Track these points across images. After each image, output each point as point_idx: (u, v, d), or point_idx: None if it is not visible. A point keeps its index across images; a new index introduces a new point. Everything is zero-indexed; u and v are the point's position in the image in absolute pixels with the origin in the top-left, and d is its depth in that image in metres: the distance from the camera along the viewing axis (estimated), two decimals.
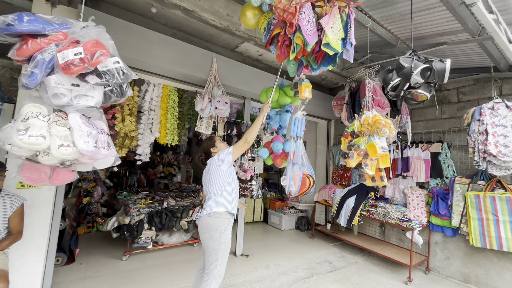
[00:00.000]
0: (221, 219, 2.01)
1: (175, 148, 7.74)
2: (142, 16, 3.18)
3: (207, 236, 2.01)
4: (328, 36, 1.68)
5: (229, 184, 2.08)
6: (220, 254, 1.99)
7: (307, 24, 1.66)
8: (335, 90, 5.42)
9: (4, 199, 2.00)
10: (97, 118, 1.56)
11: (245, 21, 2.13)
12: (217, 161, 2.08)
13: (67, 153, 1.36)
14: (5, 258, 2.02)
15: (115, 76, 1.47)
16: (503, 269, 3.10)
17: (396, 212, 3.70)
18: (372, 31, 2.82)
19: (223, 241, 2.00)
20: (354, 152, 2.58)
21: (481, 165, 2.98)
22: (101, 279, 2.93)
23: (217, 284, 1.99)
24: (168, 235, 3.89)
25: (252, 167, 3.85)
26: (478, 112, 3.00)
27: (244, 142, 2.06)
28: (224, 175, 2.07)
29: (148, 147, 3.47)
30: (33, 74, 1.34)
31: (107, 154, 1.46)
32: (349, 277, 3.38)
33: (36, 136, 1.31)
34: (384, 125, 2.51)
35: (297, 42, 1.74)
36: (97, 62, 1.38)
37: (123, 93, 1.60)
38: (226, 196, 2.05)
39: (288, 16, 1.67)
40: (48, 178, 1.63)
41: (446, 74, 2.06)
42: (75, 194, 4.18)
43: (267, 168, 7.31)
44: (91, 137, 1.38)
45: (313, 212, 5.39)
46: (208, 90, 3.44)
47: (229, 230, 2.07)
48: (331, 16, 1.72)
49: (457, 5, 2.12)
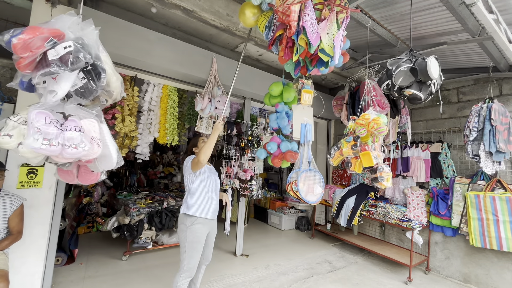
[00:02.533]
0: (187, 216, 2.16)
1: (175, 148, 7.74)
2: (142, 16, 3.18)
3: (178, 229, 2.23)
4: (323, 41, 1.73)
5: (193, 188, 2.20)
6: (187, 247, 2.11)
7: (311, 27, 1.68)
8: (335, 90, 5.42)
9: (3, 199, 2.00)
10: (84, 116, 1.46)
11: (244, 19, 2.12)
12: (185, 165, 2.28)
13: (23, 152, 1.34)
14: (5, 258, 2.02)
15: (67, 63, 1.32)
16: (503, 269, 3.10)
17: (396, 212, 3.70)
18: (372, 31, 2.82)
19: (189, 234, 2.12)
20: (334, 151, 2.61)
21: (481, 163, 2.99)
22: (101, 279, 2.93)
23: (186, 276, 2.11)
24: (168, 235, 3.89)
25: (252, 167, 3.86)
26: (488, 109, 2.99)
27: (198, 162, 2.09)
28: (188, 179, 2.25)
29: (148, 147, 3.47)
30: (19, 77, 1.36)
31: (74, 153, 1.36)
32: (349, 277, 3.38)
33: (3, 135, 1.32)
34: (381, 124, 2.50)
35: (301, 44, 1.75)
36: (37, 48, 1.26)
37: (96, 84, 1.45)
38: (194, 200, 2.18)
39: (286, 18, 1.70)
40: (75, 177, 1.65)
41: (429, 71, 2.06)
42: (75, 194, 4.18)
43: (267, 168, 7.32)
44: (40, 134, 1.30)
45: (313, 212, 5.39)
46: (208, 90, 3.44)
47: (198, 225, 2.15)
48: (328, 22, 1.77)
49: (457, 5, 2.12)
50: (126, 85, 3.21)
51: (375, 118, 2.47)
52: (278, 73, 4.38)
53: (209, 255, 2.40)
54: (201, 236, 2.17)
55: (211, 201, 2.27)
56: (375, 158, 2.45)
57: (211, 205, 2.26)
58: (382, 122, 2.45)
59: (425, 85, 2.20)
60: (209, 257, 2.40)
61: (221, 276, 3.17)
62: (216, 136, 2.13)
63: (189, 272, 2.12)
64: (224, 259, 3.70)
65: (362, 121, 2.53)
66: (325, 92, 5.45)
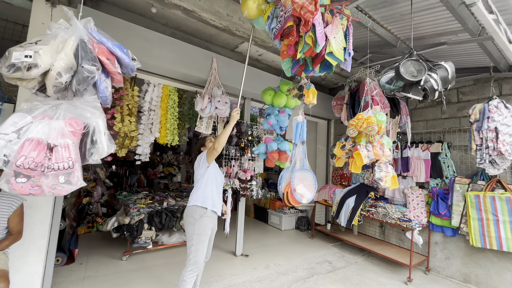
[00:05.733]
0: (198, 207, 2.20)
1: (175, 148, 7.74)
2: (142, 16, 3.18)
3: (185, 222, 2.24)
4: (332, 45, 1.71)
5: (205, 180, 2.27)
6: (195, 240, 2.14)
7: (318, 26, 1.66)
8: (335, 90, 5.42)
9: (3, 199, 2.00)
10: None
11: (247, 8, 1.99)
12: (198, 161, 2.36)
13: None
14: (5, 258, 2.02)
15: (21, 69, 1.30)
16: (503, 269, 3.10)
17: (396, 212, 3.70)
18: (372, 31, 2.82)
19: (197, 226, 2.16)
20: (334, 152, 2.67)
21: (483, 163, 2.94)
22: (101, 279, 2.93)
23: (193, 270, 2.14)
24: (168, 235, 3.89)
25: (252, 167, 3.86)
26: (487, 108, 2.93)
27: (213, 150, 2.20)
28: (199, 172, 2.32)
29: (148, 147, 3.47)
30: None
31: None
32: (349, 277, 3.38)
33: None
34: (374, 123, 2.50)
35: (308, 42, 1.71)
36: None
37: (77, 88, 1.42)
38: (208, 192, 2.25)
39: (306, 14, 1.61)
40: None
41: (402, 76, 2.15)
42: (75, 194, 4.18)
43: (267, 168, 7.32)
44: None
45: (313, 212, 5.39)
46: (208, 90, 3.44)
47: (206, 218, 2.20)
48: (334, 26, 1.75)
49: (457, 5, 2.12)
50: (126, 85, 3.21)
51: (367, 117, 2.47)
52: (278, 73, 4.37)
53: (209, 252, 2.43)
54: (208, 229, 2.22)
55: (219, 195, 2.36)
56: (367, 158, 2.46)
57: (219, 199, 2.34)
58: (373, 122, 2.45)
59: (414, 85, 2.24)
60: (208, 254, 2.43)
61: (221, 276, 3.17)
62: (232, 125, 2.25)
63: (196, 265, 2.14)
64: (224, 259, 3.70)
65: (354, 121, 2.54)
66: (325, 92, 5.45)
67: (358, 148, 2.50)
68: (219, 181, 2.39)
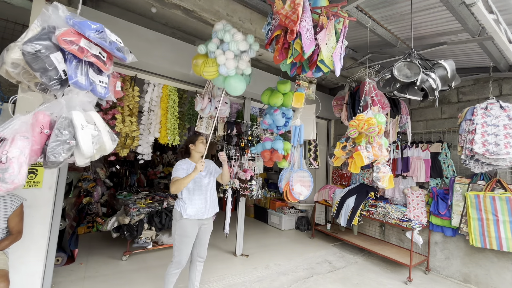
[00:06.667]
0: (176, 211, 2.32)
1: (175, 148, 7.74)
2: (142, 16, 3.18)
3: (172, 222, 2.38)
4: (322, 53, 1.74)
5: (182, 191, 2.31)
6: (177, 240, 2.27)
7: (306, 32, 1.69)
8: (335, 90, 5.42)
9: (3, 199, 2.00)
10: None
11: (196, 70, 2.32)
12: (175, 166, 2.36)
13: None
14: (5, 258, 2.02)
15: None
16: (503, 269, 3.10)
17: (396, 212, 3.70)
18: (372, 31, 2.82)
19: (178, 227, 2.27)
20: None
21: (468, 163, 3.10)
22: (101, 279, 2.93)
23: (176, 268, 2.28)
24: (168, 235, 3.89)
25: (252, 167, 3.86)
26: (470, 112, 3.12)
27: (170, 189, 2.26)
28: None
29: (149, 147, 3.48)
30: None
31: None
32: (349, 277, 3.38)
33: None
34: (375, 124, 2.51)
35: (296, 48, 1.77)
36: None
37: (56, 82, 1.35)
38: (183, 200, 2.29)
39: (290, 23, 1.69)
40: None
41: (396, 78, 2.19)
42: (75, 194, 4.18)
43: (267, 168, 7.32)
44: None
45: (313, 212, 5.39)
46: (208, 90, 3.43)
47: (185, 220, 2.25)
48: (327, 32, 1.77)
49: (457, 5, 2.12)
50: (126, 85, 3.22)
51: (368, 119, 2.47)
52: (278, 73, 4.36)
53: (203, 252, 2.43)
54: (189, 231, 2.27)
55: (197, 202, 2.32)
56: (367, 159, 2.46)
57: (198, 205, 2.31)
58: (374, 123, 2.45)
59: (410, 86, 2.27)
60: (202, 254, 2.43)
61: (221, 276, 3.17)
62: (193, 176, 2.18)
63: (178, 264, 2.27)
64: (224, 259, 3.70)
65: (354, 122, 2.55)
66: (325, 92, 5.45)
67: (359, 149, 2.50)
68: (201, 187, 2.34)
